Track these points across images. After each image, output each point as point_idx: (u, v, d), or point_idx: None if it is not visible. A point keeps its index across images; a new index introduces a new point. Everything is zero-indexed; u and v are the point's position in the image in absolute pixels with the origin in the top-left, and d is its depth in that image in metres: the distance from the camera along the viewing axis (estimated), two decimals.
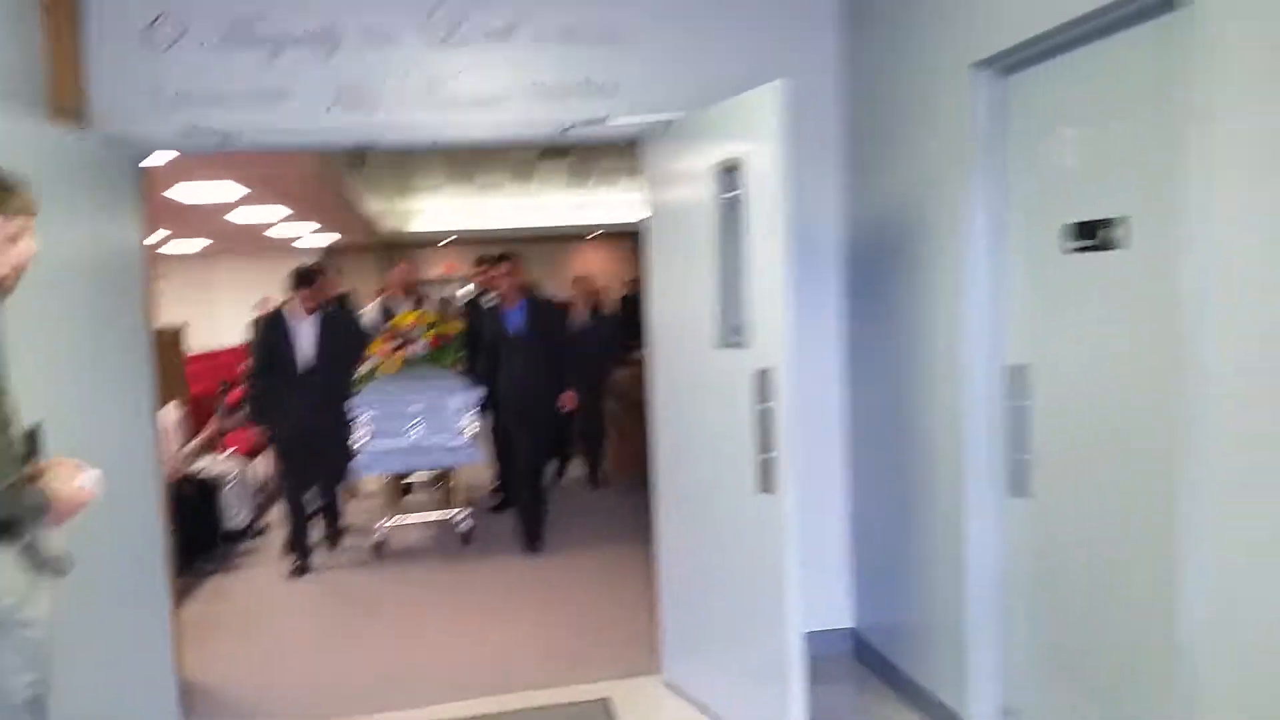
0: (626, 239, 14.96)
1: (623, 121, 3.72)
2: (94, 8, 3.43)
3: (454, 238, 16.96)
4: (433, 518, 6.55)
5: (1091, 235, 2.65)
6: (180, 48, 3.46)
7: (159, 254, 10.65)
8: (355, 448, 5.80)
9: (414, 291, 7.15)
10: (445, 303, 10.32)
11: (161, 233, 11.12)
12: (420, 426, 5.84)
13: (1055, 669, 2.90)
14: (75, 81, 3.37)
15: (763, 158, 3.09)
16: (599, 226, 15.99)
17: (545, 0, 3.67)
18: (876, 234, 3.76)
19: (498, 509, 6.84)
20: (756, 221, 3.16)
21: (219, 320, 13.15)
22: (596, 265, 16.27)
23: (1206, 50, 2.08)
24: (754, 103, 3.12)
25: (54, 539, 2.03)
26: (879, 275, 3.75)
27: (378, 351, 6.26)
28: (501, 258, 6.15)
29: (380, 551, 6.06)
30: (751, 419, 3.22)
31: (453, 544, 6.22)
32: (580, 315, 7.79)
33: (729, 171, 3.29)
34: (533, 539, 5.96)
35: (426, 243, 17.28)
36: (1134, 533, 2.48)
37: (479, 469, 6.98)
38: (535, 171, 12.78)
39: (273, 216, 10.97)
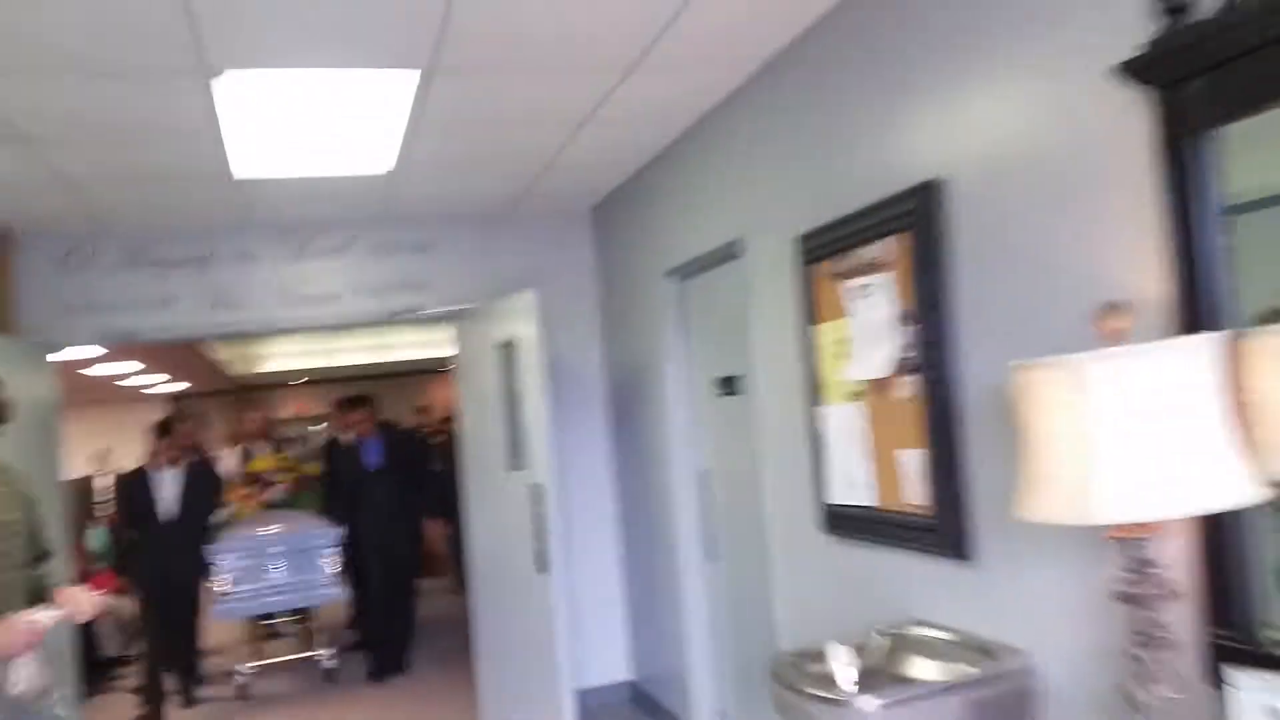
0: None
1: (432, 311, 5.08)
2: (24, 243, 4.57)
3: (305, 378, 17.69)
4: (296, 658, 6.64)
5: (729, 386, 4.14)
6: (89, 270, 4.63)
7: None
8: (217, 594, 5.79)
9: (270, 435, 7.62)
10: (301, 443, 10.80)
11: None
12: (282, 568, 5.85)
13: (748, 678, 4.23)
14: (10, 300, 4.48)
15: (527, 339, 4.49)
16: (449, 360, 16.99)
17: (371, 223, 5.03)
18: (625, 378, 5.21)
19: (358, 645, 6.81)
20: (526, 381, 4.54)
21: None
22: (447, 398, 17.16)
23: (752, 283, 3.61)
24: (519, 302, 4.54)
25: (19, 674, 2.18)
26: (628, 407, 5.18)
27: (236, 497, 6.59)
28: (357, 401, 6.42)
29: (243, 695, 6.18)
30: (532, 519, 4.53)
31: (317, 683, 6.36)
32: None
33: (507, 346, 4.68)
34: (397, 664, 6.29)
35: (278, 384, 17.94)
36: (763, 576, 3.89)
37: (340, 607, 7.01)
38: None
39: (126, 370, 11.71)
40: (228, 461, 7.22)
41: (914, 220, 2.55)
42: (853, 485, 2.97)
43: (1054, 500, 1.63)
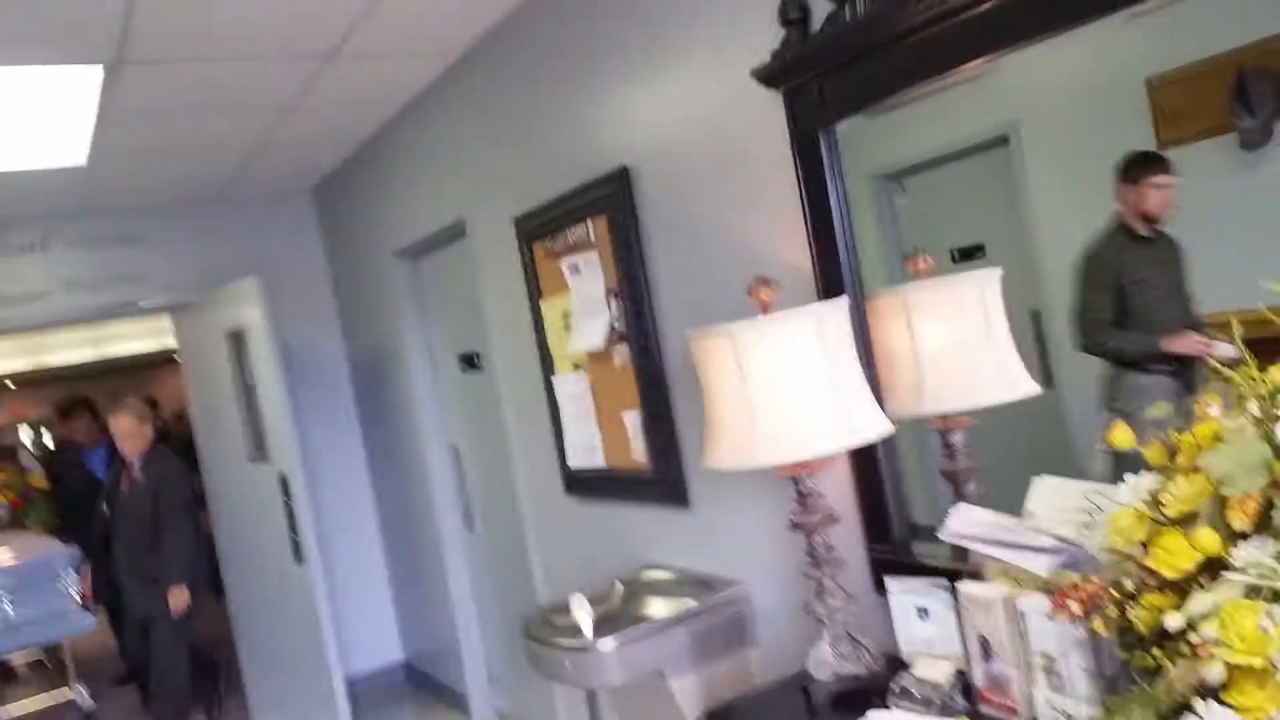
0: None
1: (150, 303, 4.81)
2: None
3: (13, 381, 16.05)
4: (45, 703, 5.67)
5: (471, 363, 4.25)
6: None
7: None
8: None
9: None
10: (14, 452, 9.88)
11: None
12: (9, 601, 4.88)
13: (513, 642, 4.41)
14: None
15: (255, 326, 4.38)
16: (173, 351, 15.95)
17: (72, 217, 4.68)
18: (367, 361, 5.18)
19: (126, 679, 5.91)
20: (260, 369, 4.43)
21: None
22: (178, 390, 16.10)
23: (480, 262, 3.72)
24: (244, 288, 4.41)
25: None
26: (374, 387, 5.16)
27: None
28: (75, 406, 5.89)
29: None
30: (282, 511, 4.46)
31: None
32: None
33: (236, 335, 4.54)
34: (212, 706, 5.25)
35: None
36: (519, 542, 4.06)
37: (102, 636, 5.86)
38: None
39: None
40: None
41: (611, 203, 2.76)
42: (587, 449, 3.19)
43: (728, 449, 1.88)
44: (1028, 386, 1.96)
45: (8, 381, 15.91)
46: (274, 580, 4.61)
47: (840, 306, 1.92)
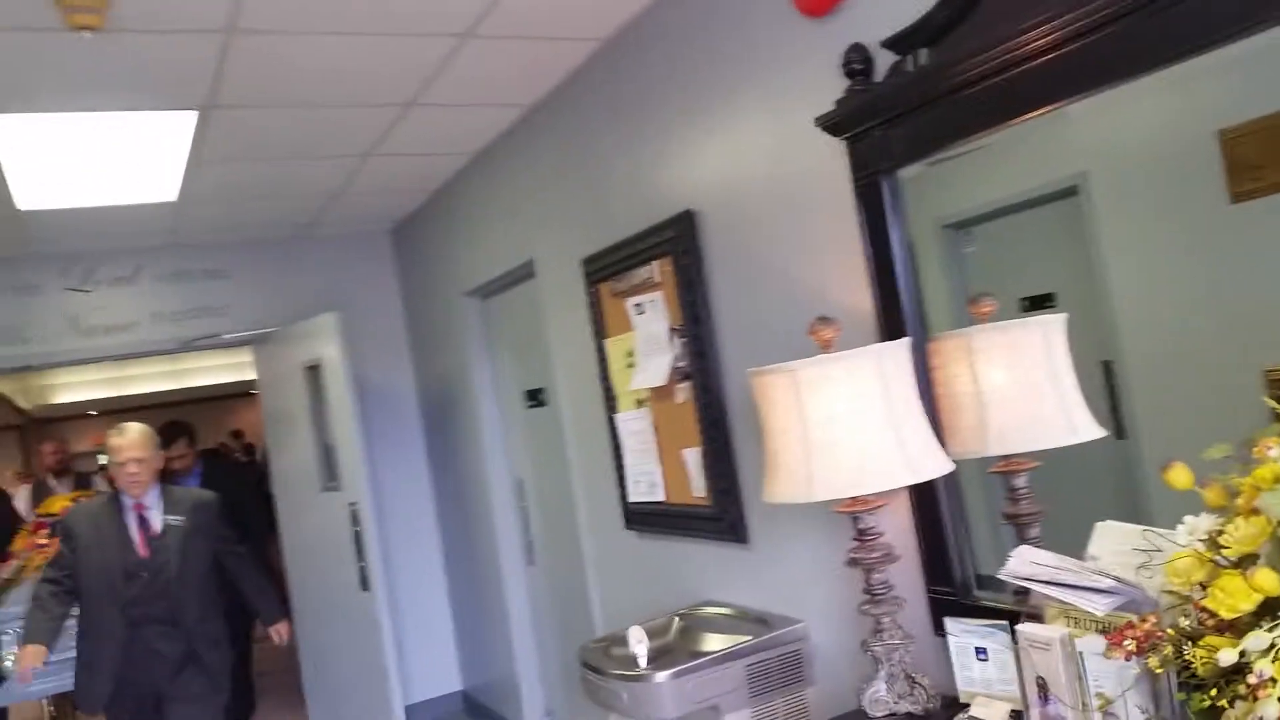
0: None
1: (232, 336, 5.02)
2: None
3: (98, 410, 16.66)
4: None
5: (537, 399, 4.34)
6: None
7: None
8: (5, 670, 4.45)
9: (68, 471, 6.80)
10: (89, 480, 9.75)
11: None
12: None
13: (571, 676, 4.44)
14: None
15: (331, 360, 4.54)
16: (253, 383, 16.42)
17: (160, 251, 4.92)
18: (437, 395, 5.32)
19: None
20: (334, 401, 4.58)
21: None
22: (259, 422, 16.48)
23: (546, 301, 3.82)
24: (321, 324, 4.58)
25: None
26: (442, 421, 5.29)
27: (25, 546, 5.40)
28: (175, 431, 5.37)
29: None
30: (350, 539, 4.58)
31: None
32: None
33: (313, 368, 4.71)
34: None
35: (73, 415, 16.81)
36: (579, 576, 4.11)
37: None
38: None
39: None
40: (18, 502, 6.42)
41: (675, 245, 2.84)
42: (648, 484, 3.24)
43: (787, 484, 1.93)
44: (1090, 431, 1.96)
45: (90, 410, 16.54)
46: (340, 607, 4.72)
47: (901, 347, 1.96)
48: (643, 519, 3.31)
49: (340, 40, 2.75)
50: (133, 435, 3.58)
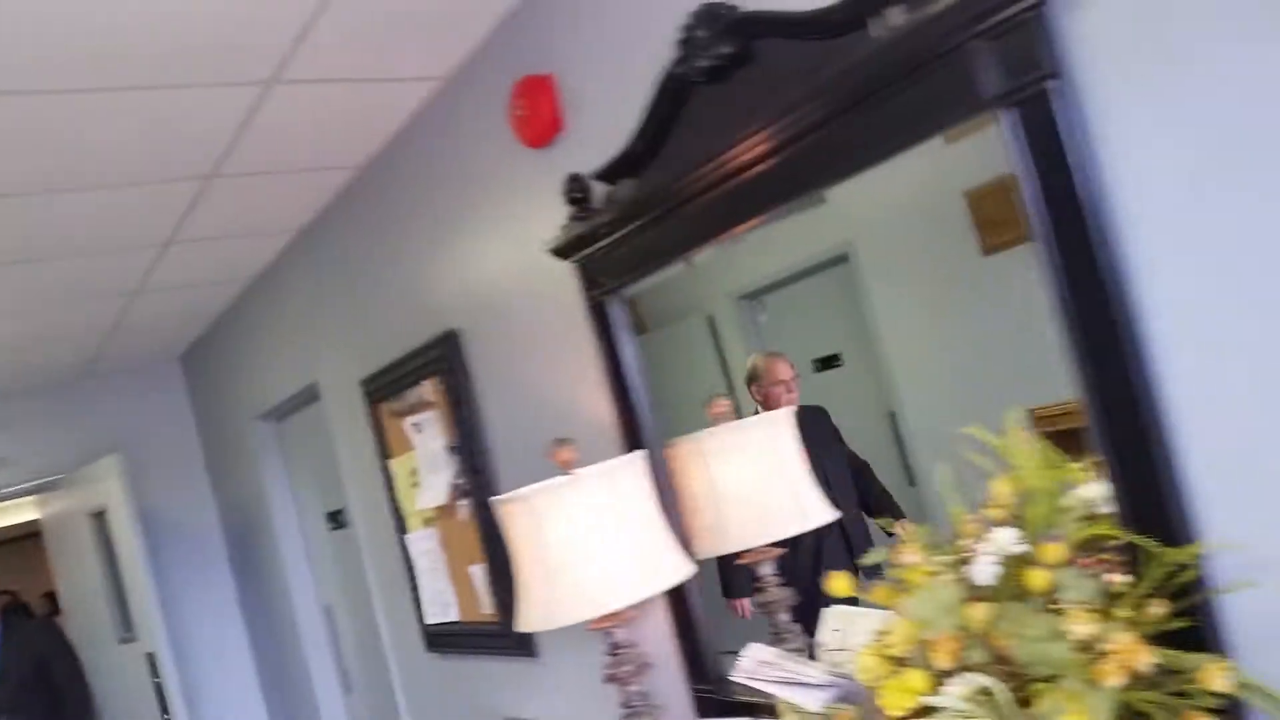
0: None
1: (14, 489, 4.69)
2: None
3: None
4: None
5: (337, 520, 4.23)
6: None
7: None
8: None
9: None
10: None
11: None
12: None
13: None
14: None
15: (117, 504, 4.30)
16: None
17: None
18: (239, 523, 5.10)
19: None
20: (122, 546, 4.34)
21: None
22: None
23: (332, 423, 3.76)
24: (104, 467, 4.35)
25: None
26: (246, 552, 5.07)
27: None
28: None
29: None
30: (152, 690, 4.30)
31: None
32: None
33: (99, 514, 4.45)
34: None
35: None
36: (390, 701, 3.98)
37: None
38: None
39: None
40: None
41: (441, 364, 2.87)
42: (442, 604, 3.20)
43: (534, 609, 1.95)
44: (822, 515, 2.08)
45: None
46: None
47: (635, 460, 2.04)
48: (442, 640, 3.26)
49: (81, 196, 2.70)
50: None
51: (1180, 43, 1.23)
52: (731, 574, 2.26)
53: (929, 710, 1.33)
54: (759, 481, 2.14)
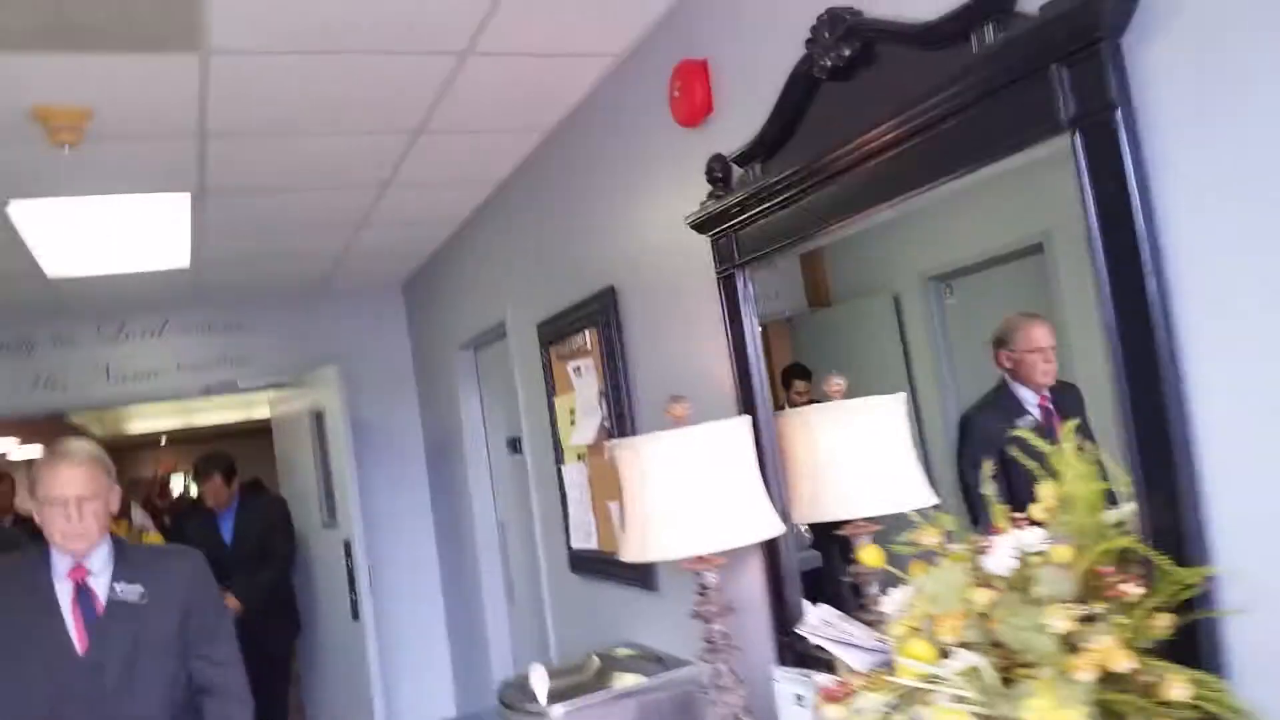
0: None
1: (247, 384, 5.46)
2: None
3: (166, 438, 17.44)
4: None
5: (515, 447, 4.66)
6: None
7: None
8: None
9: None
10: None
11: None
12: None
13: None
14: None
15: (333, 408, 4.92)
16: None
17: (187, 306, 5.38)
18: (437, 438, 5.67)
19: None
20: (334, 446, 4.96)
21: None
22: None
23: (514, 359, 4.14)
24: (326, 375, 4.97)
25: None
26: (441, 462, 5.64)
27: None
28: (211, 464, 5.22)
29: None
30: (344, 572, 4.94)
31: None
32: None
33: (318, 415, 5.10)
34: None
35: (144, 444, 17.64)
36: (541, 614, 4.38)
37: None
38: None
39: None
40: None
41: (601, 317, 3.14)
42: (584, 532, 3.52)
43: (634, 544, 2.20)
44: (922, 497, 2.20)
45: (160, 439, 17.34)
46: (337, 636, 5.07)
47: (740, 424, 2.23)
48: (583, 563, 3.59)
49: (317, 140, 3.15)
50: (74, 461, 2.36)
51: (1241, 75, 1.26)
52: (828, 543, 2.41)
53: (933, 679, 1.47)
54: (862, 458, 2.27)
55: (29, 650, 2.33)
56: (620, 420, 3.10)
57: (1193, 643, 1.36)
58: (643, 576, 3.07)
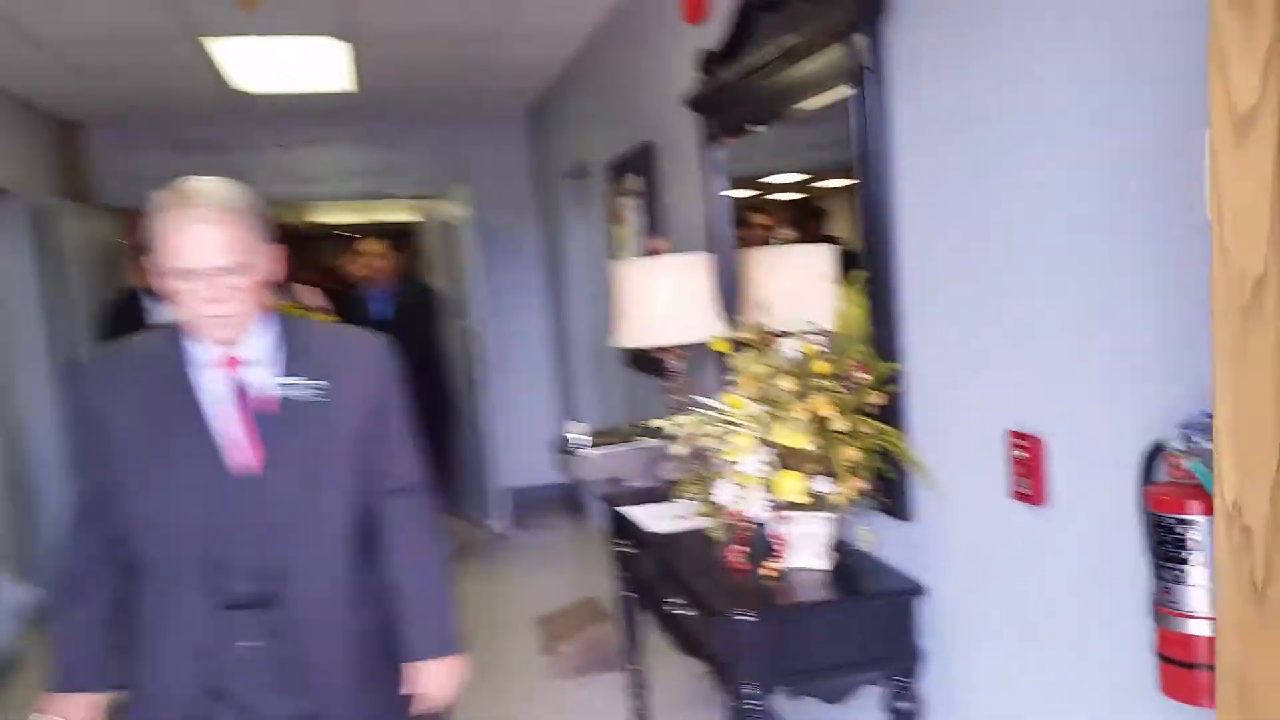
0: None
1: (400, 192, 6.61)
2: (94, 134, 6.18)
3: (348, 231, 19.08)
4: None
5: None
6: (136, 153, 6.20)
7: None
8: None
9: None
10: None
11: None
12: None
13: None
14: (89, 175, 6.10)
15: (463, 219, 6.01)
16: None
17: (346, 120, 6.49)
18: (550, 250, 6.72)
19: None
20: (464, 255, 6.08)
21: None
22: None
23: (592, 190, 5.06)
24: (458, 191, 6.04)
25: None
26: (552, 271, 6.71)
27: None
28: (375, 236, 5.65)
29: None
30: (464, 354, 6.17)
31: None
32: None
33: (451, 225, 6.21)
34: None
35: (328, 235, 19.42)
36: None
37: None
38: None
39: None
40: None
41: (643, 165, 4.00)
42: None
43: (617, 333, 3.16)
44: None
45: (343, 231, 19.06)
46: (462, 410, 6.37)
47: (700, 258, 3.10)
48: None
49: None
50: (207, 214, 1.64)
51: (951, 54, 2.01)
52: None
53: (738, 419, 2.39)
54: (794, 287, 3.12)
55: (177, 458, 1.73)
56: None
57: (894, 411, 2.24)
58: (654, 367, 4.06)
